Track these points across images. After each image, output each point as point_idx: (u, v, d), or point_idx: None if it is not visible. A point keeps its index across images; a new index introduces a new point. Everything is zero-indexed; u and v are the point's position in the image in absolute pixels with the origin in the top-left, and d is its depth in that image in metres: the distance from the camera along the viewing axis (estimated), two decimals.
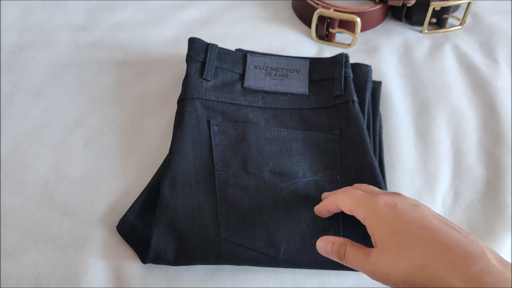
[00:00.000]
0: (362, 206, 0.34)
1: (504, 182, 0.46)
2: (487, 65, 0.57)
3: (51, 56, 0.57)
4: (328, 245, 0.36)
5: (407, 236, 0.30)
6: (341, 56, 0.50)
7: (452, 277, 0.27)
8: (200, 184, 0.42)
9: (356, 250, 0.34)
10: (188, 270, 0.41)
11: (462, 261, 0.28)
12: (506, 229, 0.43)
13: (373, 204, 0.34)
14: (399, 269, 0.30)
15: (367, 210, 0.34)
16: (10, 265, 0.40)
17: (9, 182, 0.45)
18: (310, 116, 0.48)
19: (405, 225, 0.31)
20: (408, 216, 0.32)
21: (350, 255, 0.34)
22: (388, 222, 0.32)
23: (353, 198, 0.36)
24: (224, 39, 0.59)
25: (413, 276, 0.29)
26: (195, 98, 0.46)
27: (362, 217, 0.34)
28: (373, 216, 0.33)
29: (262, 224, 0.41)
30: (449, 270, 0.28)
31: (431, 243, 0.29)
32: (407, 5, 0.60)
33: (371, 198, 0.34)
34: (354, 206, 0.35)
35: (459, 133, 0.50)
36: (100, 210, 0.44)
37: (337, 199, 0.37)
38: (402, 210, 0.32)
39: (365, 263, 0.32)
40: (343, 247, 0.35)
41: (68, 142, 0.49)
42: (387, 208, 0.33)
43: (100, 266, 0.40)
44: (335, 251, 0.35)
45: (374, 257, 0.32)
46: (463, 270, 0.27)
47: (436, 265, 0.28)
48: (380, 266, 0.31)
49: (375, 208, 0.33)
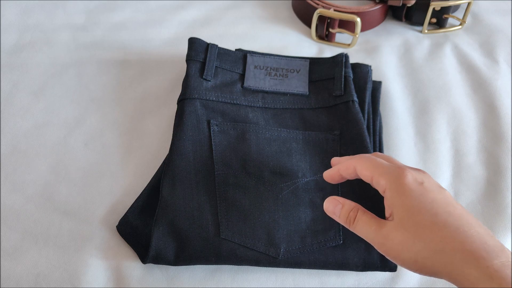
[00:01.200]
0: (387, 175, 0.32)
1: (504, 182, 0.46)
2: (487, 65, 0.57)
3: (51, 56, 0.57)
4: (337, 206, 0.34)
5: (429, 217, 0.29)
6: (341, 56, 0.50)
7: (471, 267, 0.27)
8: (200, 184, 0.42)
9: (368, 218, 0.32)
10: (188, 270, 0.41)
11: (483, 252, 0.27)
12: (506, 229, 0.43)
13: (399, 175, 0.31)
14: (413, 249, 0.29)
15: (391, 181, 0.31)
16: (10, 265, 0.40)
17: (9, 182, 0.45)
18: (310, 116, 0.48)
19: (430, 205, 0.30)
20: (434, 197, 0.30)
21: (361, 221, 0.32)
22: (412, 198, 0.30)
23: (376, 165, 0.33)
24: (224, 39, 0.59)
25: (427, 259, 0.28)
26: (195, 98, 0.46)
27: (383, 187, 0.32)
28: (398, 188, 0.31)
29: (262, 224, 0.41)
30: (468, 259, 0.27)
31: (453, 229, 0.29)
32: (407, 5, 0.60)
33: (397, 169, 0.32)
34: (377, 174, 0.32)
35: (459, 133, 0.50)
36: (100, 210, 0.44)
37: (357, 163, 0.34)
38: (429, 189, 0.31)
39: (377, 233, 0.31)
40: (354, 211, 0.33)
41: (68, 142, 0.49)
42: (414, 183, 0.31)
43: (100, 266, 0.40)
44: (344, 214, 0.33)
45: (388, 230, 0.30)
46: (483, 261, 0.27)
47: (454, 252, 0.28)
48: (392, 240, 0.30)
49: (402, 181, 0.31)
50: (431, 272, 0.29)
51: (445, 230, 0.29)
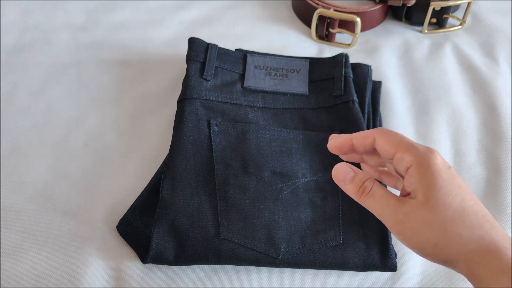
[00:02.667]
0: (414, 152, 0.30)
1: (504, 182, 0.46)
2: (487, 65, 0.57)
3: (51, 56, 0.57)
4: (349, 174, 0.32)
5: (459, 201, 0.29)
6: (341, 56, 0.50)
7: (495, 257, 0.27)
8: (200, 184, 0.42)
9: (386, 193, 0.30)
10: (188, 270, 0.41)
11: (507, 243, 0.28)
12: (506, 229, 0.44)
13: (430, 154, 0.30)
14: (436, 230, 0.28)
15: (420, 158, 0.30)
16: (10, 265, 0.40)
17: (9, 182, 0.45)
18: (310, 116, 0.48)
19: (459, 190, 0.29)
20: (462, 183, 0.30)
21: (377, 194, 0.30)
22: (443, 179, 0.29)
23: (402, 139, 0.31)
24: (224, 39, 0.59)
25: (450, 242, 0.28)
26: (195, 98, 0.46)
27: (407, 163, 0.30)
28: (428, 167, 0.29)
29: (262, 224, 0.41)
30: (493, 249, 0.27)
31: (481, 217, 0.28)
32: (407, 5, 0.60)
33: (427, 149, 0.30)
34: (403, 149, 0.30)
35: (459, 133, 0.50)
36: (100, 210, 0.44)
37: (378, 135, 0.32)
38: (456, 175, 0.30)
39: (395, 210, 0.29)
40: (370, 182, 0.31)
41: (68, 142, 0.49)
42: (444, 165, 0.30)
43: (100, 266, 0.40)
44: (358, 183, 0.31)
45: (409, 207, 0.29)
46: (508, 252, 0.27)
47: (480, 240, 0.28)
48: (414, 219, 0.29)
49: (432, 160, 0.29)
50: (448, 258, 0.28)
51: (473, 216, 0.28)
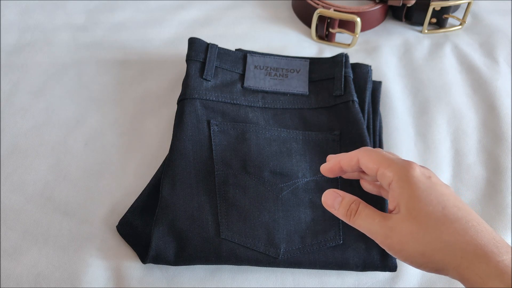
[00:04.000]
0: (394, 167, 0.31)
1: (504, 182, 0.46)
2: (487, 65, 0.57)
3: (51, 56, 0.57)
4: (337, 198, 0.33)
5: (440, 209, 0.29)
6: (341, 56, 0.50)
7: (482, 261, 0.27)
8: (200, 184, 0.42)
9: (371, 211, 0.31)
10: (188, 270, 0.41)
11: (493, 247, 0.27)
12: (506, 229, 0.43)
13: (408, 168, 0.31)
14: (421, 240, 0.28)
15: (399, 173, 0.31)
16: (10, 265, 0.40)
17: (9, 182, 0.45)
18: (310, 116, 0.48)
19: (440, 198, 0.30)
20: (443, 191, 0.30)
21: (363, 214, 0.31)
22: (422, 190, 0.30)
23: (383, 157, 0.32)
24: (224, 39, 0.59)
25: (436, 251, 0.28)
26: (195, 98, 0.46)
27: (389, 179, 0.31)
28: (407, 180, 0.30)
29: (262, 224, 0.41)
30: (480, 253, 0.27)
31: (464, 222, 0.28)
32: (407, 5, 0.60)
33: (405, 162, 0.32)
34: (384, 166, 0.32)
35: (459, 133, 0.50)
36: (100, 210, 0.44)
37: (361, 155, 0.34)
38: (437, 183, 0.31)
39: (381, 226, 0.30)
40: (356, 204, 0.32)
41: (68, 142, 0.49)
42: (422, 176, 0.31)
43: (100, 266, 0.40)
44: (345, 206, 0.32)
45: (394, 222, 0.30)
46: (494, 256, 0.27)
47: (466, 245, 0.28)
48: (399, 232, 0.29)
49: (410, 173, 0.31)
50: (437, 266, 0.28)
51: (457, 223, 0.28)
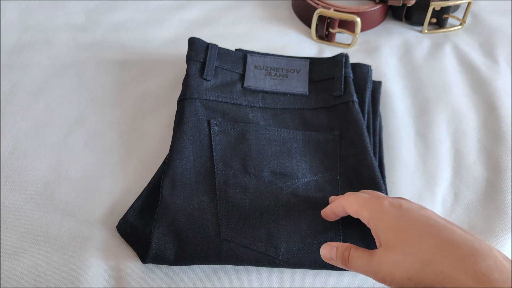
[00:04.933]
0: (367, 207, 0.35)
1: (504, 182, 0.46)
2: (487, 65, 0.57)
3: (51, 56, 0.57)
4: (332, 250, 0.36)
5: (412, 232, 0.30)
6: (341, 56, 0.50)
7: (460, 273, 0.27)
8: (200, 184, 0.42)
9: (360, 252, 0.34)
10: (188, 270, 0.41)
11: (470, 257, 0.28)
12: (506, 229, 0.43)
13: (378, 204, 0.34)
14: (404, 266, 0.30)
15: (372, 211, 0.34)
16: (10, 265, 0.40)
17: (9, 182, 0.45)
18: (310, 116, 0.48)
19: (411, 222, 0.31)
20: (414, 214, 0.32)
21: (354, 257, 0.34)
22: (393, 220, 0.32)
23: (358, 200, 0.36)
24: (224, 39, 0.59)
25: (419, 272, 0.29)
26: (195, 98, 0.46)
27: (367, 218, 0.34)
28: (378, 215, 0.33)
29: (262, 224, 0.41)
30: (457, 266, 0.27)
31: (437, 238, 0.29)
32: (407, 5, 0.60)
33: (376, 200, 0.35)
34: (359, 208, 0.35)
35: (459, 133, 0.50)
36: (100, 210, 0.44)
37: (343, 201, 0.38)
38: (408, 209, 0.33)
39: (370, 264, 0.32)
40: (347, 251, 0.35)
41: (68, 142, 0.49)
42: (392, 207, 0.33)
43: (100, 266, 0.40)
44: (340, 256, 0.35)
45: (378, 256, 0.32)
46: (471, 266, 0.27)
47: (443, 260, 0.28)
48: (385, 265, 0.31)
49: (380, 208, 0.33)
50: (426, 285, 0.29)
51: (430, 241, 0.29)
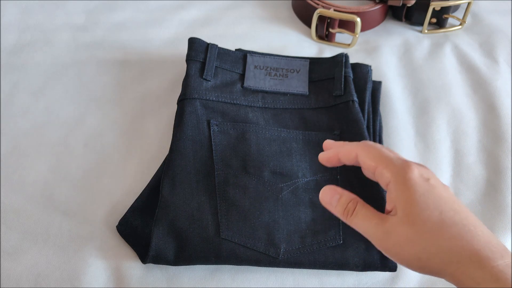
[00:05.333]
0: (392, 168, 0.31)
1: (504, 182, 0.46)
2: (487, 65, 0.57)
3: (51, 56, 0.57)
4: (335, 196, 0.33)
5: (437, 213, 0.29)
6: (341, 56, 0.50)
7: (476, 267, 0.27)
8: (200, 184, 0.42)
9: (369, 212, 0.31)
10: (188, 270, 0.41)
11: (488, 252, 0.27)
12: (506, 229, 0.43)
13: (406, 169, 0.30)
14: (419, 245, 0.28)
15: (397, 174, 0.30)
16: (10, 265, 0.40)
17: (9, 182, 0.45)
18: (310, 116, 0.48)
19: (437, 202, 0.29)
20: (441, 194, 0.30)
21: (360, 214, 0.31)
22: (419, 193, 0.29)
23: (382, 155, 0.32)
24: (224, 39, 0.59)
25: (432, 256, 0.28)
26: (195, 98, 0.46)
27: (387, 179, 0.31)
28: (404, 182, 0.30)
29: (262, 224, 0.41)
30: (474, 259, 0.27)
31: (460, 227, 0.28)
32: (407, 5, 0.60)
33: (404, 163, 0.31)
34: (382, 165, 0.31)
35: (459, 133, 0.50)
36: (100, 210, 0.44)
37: (360, 150, 0.33)
38: (435, 186, 0.30)
39: (378, 228, 0.30)
40: (353, 202, 0.32)
41: (68, 142, 0.49)
42: (421, 179, 0.30)
43: (100, 266, 0.40)
44: (342, 204, 0.32)
45: (391, 224, 0.29)
46: (489, 262, 0.27)
47: (461, 251, 0.27)
48: (395, 236, 0.29)
49: (408, 175, 0.30)
50: (433, 270, 0.28)
51: (453, 228, 0.28)
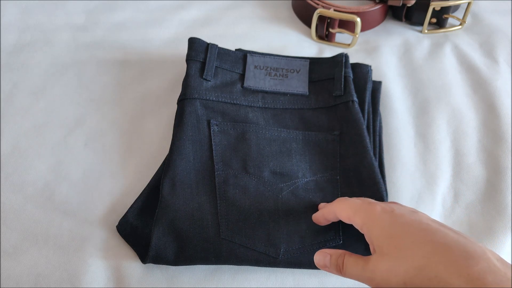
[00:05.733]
0: (360, 213, 0.34)
1: (504, 182, 0.46)
2: (487, 65, 0.57)
3: (51, 56, 0.57)
4: (326, 257, 0.36)
5: (405, 238, 0.30)
6: (341, 56, 0.50)
7: (454, 277, 0.27)
8: (200, 184, 0.42)
9: (354, 259, 0.33)
10: (188, 270, 0.41)
11: (463, 260, 0.28)
12: (506, 229, 0.43)
13: (370, 210, 0.34)
14: (399, 272, 0.29)
15: (364, 217, 0.34)
16: (10, 265, 0.40)
17: (9, 182, 0.45)
18: (310, 116, 0.48)
19: (403, 227, 0.31)
20: (406, 219, 0.32)
21: (348, 264, 0.34)
22: (385, 225, 0.32)
23: (350, 206, 0.36)
24: (224, 39, 0.59)
25: (413, 278, 0.29)
26: (195, 98, 0.46)
27: (360, 224, 0.34)
28: (371, 221, 0.33)
29: (262, 224, 0.41)
30: (450, 270, 0.27)
31: (431, 244, 0.29)
32: (407, 5, 0.60)
33: (368, 206, 0.35)
34: (351, 214, 0.35)
35: (459, 133, 0.50)
36: (100, 210, 0.44)
37: (335, 208, 0.37)
38: (400, 215, 0.32)
39: (364, 270, 0.32)
40: (341, 257, 0.35)
41: (68, 142, 0.49)
42: (384, 213, 0.33)
43: (100, 266, 0.40)
44: (333, 263, 0.35)
45: (373, 263, 0.32)
46: (464, 269, 0.27)
47: (437, 265, 0.28)
48: (379, 271, 0.31)
49: (372, 214, 0.33)
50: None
51: (424, 246, 0.29)
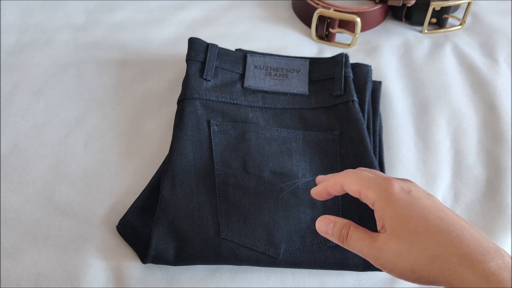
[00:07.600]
0: (374, 188, 0.32)
1: (504, 182, 0.46)
2: (487, 65, 0.57)
3: (51, 56, 0.57)
4: (329, 224, 0.34)
5: (422, 223, 0.29)
6: (341, 56, 0.50)
7: (468, 271, 0.27)
8: (200, 184, 0.42)
9: (361, 233, 0.32)
10: (188, 270, 0.41)
11: (479, 255, 0.27)
12: (506, 229, 0.43)
13: (386, 187, 0.31)
14: (408, 258, 0.28)
15: (379, 193, 0.31)
16: (10, 265, 0.40)
17: (9, 182, 0.45)
18: (310, 116, 0.48)
19: (420, 212, 0.30)
20: (424, 203, 0.30)
21: (353, 237, 0.32)
22: (402, 207, 0.30)
23: (363, 179, 0.33)
24: (224, 39, 0.59)
25: (424, 266, 0.28)
26: (195, 98, 0.46)
27: (371, 200, 0.32)
28: (386, 199, 0.31)
29: (262, 224, 0.41)
30: (465, 263, 0.27)
31: (447, 234, 0.28)
32: (407, 5, 0.60)
33: (384, 181, 0.32)
34: (364, 188, 0.32)
35: (459, 133, 0.50)
36: (100, 210, 0.44)
37: (343, 179, 0.34)
38: (417, 197, 0.31)
39: (370, 247, 0.31)
40: (346, 228, 0.33)
41: (68, 142, 0.49)
42: (402, 192, 0.31)
43: (100, 266, 0.40)
44: (337, 232, 0.33)
45: (381, 242, 0.30)
46: (480, 264, 0.27)
47: (451, 257, 0.27)
48: (387, 252, 0.29)
49: (389, 192, 0.31)
50: (429, 280, 0.28)
51: (439, 235, 0.28)
